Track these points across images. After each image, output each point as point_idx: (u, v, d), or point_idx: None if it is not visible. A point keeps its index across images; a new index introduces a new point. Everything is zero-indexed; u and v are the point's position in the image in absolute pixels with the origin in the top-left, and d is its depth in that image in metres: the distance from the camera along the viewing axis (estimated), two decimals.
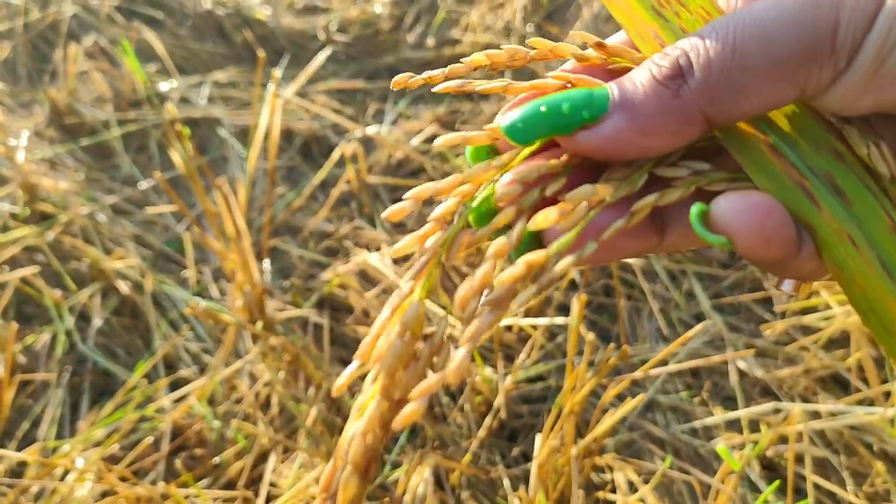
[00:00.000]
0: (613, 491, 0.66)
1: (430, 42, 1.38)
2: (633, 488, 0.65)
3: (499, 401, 0.72)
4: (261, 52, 0.85)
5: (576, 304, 0.53)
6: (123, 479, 0.65)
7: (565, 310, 0.82)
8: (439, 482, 0.68)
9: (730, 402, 0.75)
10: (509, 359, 0.79)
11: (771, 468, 0.70)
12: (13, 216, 0.96)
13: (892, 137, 0.20)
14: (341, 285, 0.88)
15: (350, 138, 1.13)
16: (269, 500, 0.66)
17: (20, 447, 0.74)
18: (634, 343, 0.82)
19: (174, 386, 0.79)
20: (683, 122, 0.18)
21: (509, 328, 0.80)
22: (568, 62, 0.22)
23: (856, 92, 0.18)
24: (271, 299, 0.87)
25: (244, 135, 1.16)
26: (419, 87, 0.21)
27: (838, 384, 0.76)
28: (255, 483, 0.70)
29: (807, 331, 0.79)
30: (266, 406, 0.76)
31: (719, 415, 0.72)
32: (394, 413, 0.17)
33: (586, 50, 0.22)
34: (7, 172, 1.01)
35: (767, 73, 0.17)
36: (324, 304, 0.88)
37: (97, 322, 0.86)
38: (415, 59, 1.35)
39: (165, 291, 0.89)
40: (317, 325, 0.84)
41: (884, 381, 0.72)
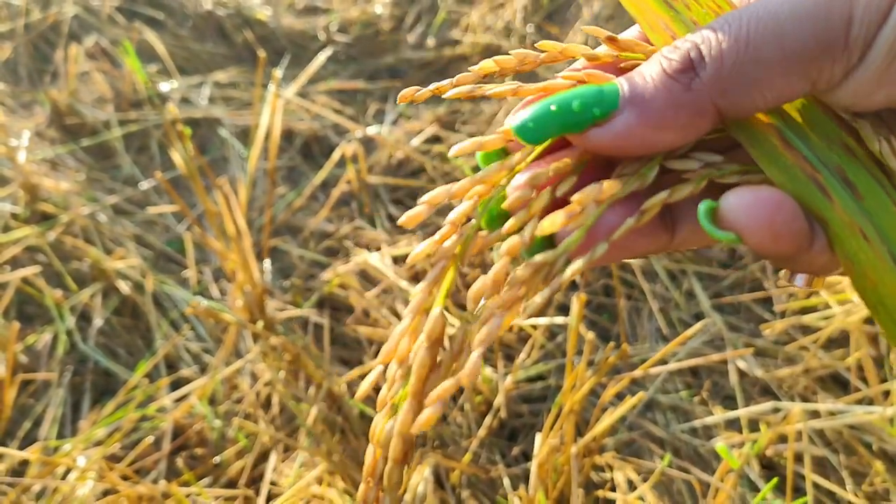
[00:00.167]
0: (613, 490, 0.66)
1: (431, 42, 1.38)
2: (632, 487, 0.66)
3: (499, 400, 0.73)
4: (261, 52, 0.85)
5: (575, 303, 0.53)
6: (125, 477, 0.65)
7: (565, 310, 0.82)
8: (439, 481, 0.68)
9: (729, 402, 0.76)
10: (509, 358, 0.79)
11: (770, 467, 0.70)
12: (14, 216, 0.96)
13: None
14: (341, 285, 0.89)
15: (350, 138, 1.13)
16: (270, 498, 0.67)
17: (22, 446, 0.74)
18: (634, 343, 0.82)
19: (175, 385, 0.79)
20: (695, 115, 0.18)
21: (510, 328, 0.80)
22: (577, 62, 0.22)
23: (868, 87, 0.18)
24: (272, 299, 0.87)
25: (245, 135, 1.17)
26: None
27: (838, 383, 0.76)
28: (255, 482, 0.70)
29: (806, 330, 0.80)
30: (267, 405, 0.76)
31: (719, 414, 0.73)
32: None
33: (596, 47, 0.22)
34: (8, 173, 1.01)
35: (780, 66, 0.17)
36: (324, 304, 0.88)
37: (98, 322, 0.86)
38: (415, 59, 1.35)
39: (166, 291, 0.89)
40: (317, 325, 0.85)
41: (883, 380, 0.72)
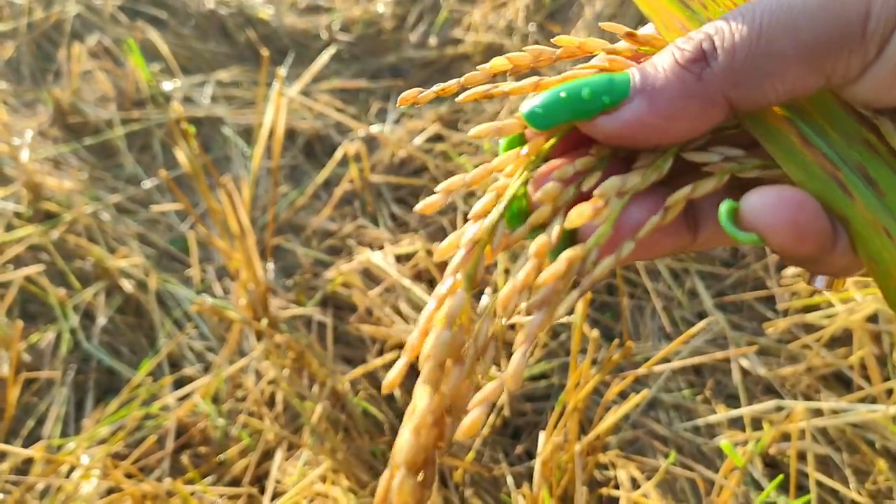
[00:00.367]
0: (617, 487, 0.66)
1: (433, 41, 1.38)
2: (636, 485, 0.66)
3: (502, 398, 0.73)
4: (265, 51, 0.85)
5: (579, 302, 0.53)
6: (129, 475, 0.65)
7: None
8: (443, 480, 0.68)
9: (732, 400, 0.76)
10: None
11: (773, 465, 0.70)
12: (18, 215, 0.96)
13: None
14: (344, 284, 0.89)
15: (353, 137, 1.13)
16: (274, 496, 0.67)
17: (26, 445, 0.74)
18: (637, 341, 0.82)
19: (178, 384, 0.80)
20: (705, 105, 0.18)
21: (513, 326, 0.80)
22: (595, 58, 0.22)
23: (887, 83, 0.18)
24: (275, 298, 0.87)
25: (247, 134, 1.17)
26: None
27: (840, 382, 0.76)
28: (259, 480, 0.70)
29: (809, 329, 0.80)
30: (270, 403, 0.76)
31: (722, 412, 0.73)
32: (446, 416, 0.17)
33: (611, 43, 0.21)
34: (11, 172, 1.01)
35: (794, 59, 0.17)
36: (327, 303, 0.88)
37: (101, 320, 0.86)
38: (417, 58, 1.35)
39: (169, 290, 0.90)
40: (320, 324, 0.85)
41: (886, 378, 0.72)
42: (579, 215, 0.18)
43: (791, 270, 0.85)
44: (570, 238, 0.19)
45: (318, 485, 0.65)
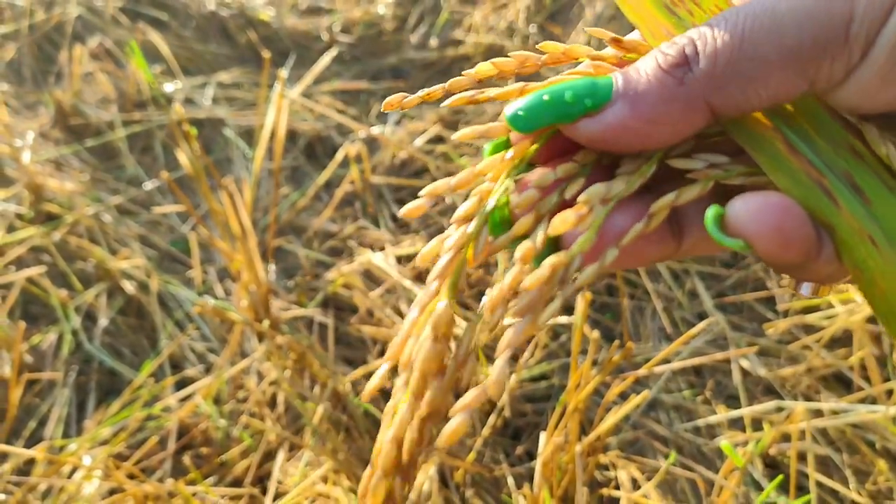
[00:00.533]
0: (617, 488, 0.66)
1: (434, 43, 1.38)
2: (636, 485, 0.66)
3: (503, 399, 0.73)
4: (266, 52, 0.85)
5: (580, 302, 0.54)
6: (131, 476, 0.65)
7: (569, 309, 0.83)
8: (444, 480, 0.68)
9: (733, 401, 0.76)
10: (513, 358, 0.79)
11: (774, 466, 0.70)
12: (19, 217, 0.96)
13: None
14: (346, 285, 0.89)
15: (354, 139, 1.14)
16: (276, 497, 0.67)
17: (27, 446, 0.75)
18: (638, 342, 0.83)
19: (180, 385, 0.80)
20: (687, 110, 0.18)
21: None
22: (582, 64, 0.22)
23: (872, 86, 0.17)
24: (276, 299, 0.87)
25: (248, 135, 1.17)
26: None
27: (841, 382, 0.76)
28: (261, 481, 0.71)
29: (809, 329, 0.80)
30: (272, 404, 0.76)
31: (722, 413, 0.73)
32: (427, 423, 0.17)
33: (600, 47, 0.21)
34: (13, 173, 1.01)
35: (777, 64, 0.17)
36: (328, 304, 0.89)
37: (103, 322, 0.86)
38: (418, 59, 1.35)
39: (171, 291, 0.90)
40: (322, 325, 0.85)
41: (886, 379, 0.73)
42: (563, 222, 0.18)
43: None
44: (555, 245, 0.19)
45: (320, 485, 0.65)
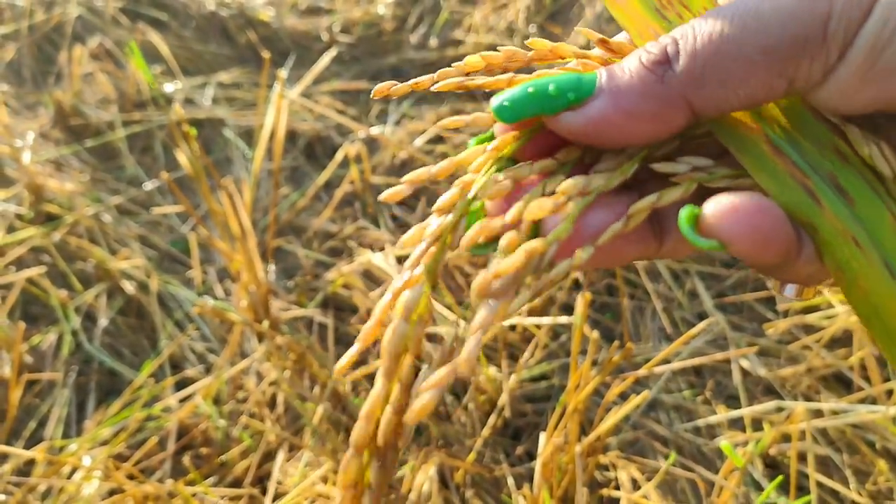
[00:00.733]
0: (617, 488, 0.66)
1: (433, 43, 1.38)
2: (636, 486, 0.66)
3: (503, 400, 0.73)
4: (266, 53, 0.85)
5: (580, 302, 0.54)
6: (130, 477, 0.65)
7: (569, 309, 0.83)
8: (444, 480, 0.68)
9: (733, 401, 0.76)
10: (513, 358, 0.79)
11: (774, 466, 0.70)
12: (19, 217, 0.96)
13: None
14: (345, 285, 0.89)
15: (354, 139, 1.14)
16: (275, 497, 0.67)
17: (27, 446, 0.75)
18: (638, 342, 0.83)
19: (180, 385, 0.80)
20: (666, 107, 0.18)
21: (513, 328, 0.81)
22: (570, 63, 0.22)
23: (852, 86, 0.17)
24: (276, 299, 0.87)
25: (248, 136, 1.17)
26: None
27: (841, 383, 0.76)
28: (261, 481, 0.71)
29: (809, 329, 0.80)
30: (272, 405, 0.76)
31: (722, 413, 0.73)
32: (404, 406, 0.17)
33: (589, 48, 0.22)
34: (13, 174, 1.01)
35: (754, 62, 0.17)
36: (328, 304, 0.89)
37: (103, 322, 0.86)
38: (417, 59, 1.35)
39: (171, 291, 0.90)
40: (321, 325, 0.85)
41: (886, 379, 0.73)
42: (540, 208, 0.18)
43: None
44: (536, 235, 0.20)
45: (320, 485, 0.65)
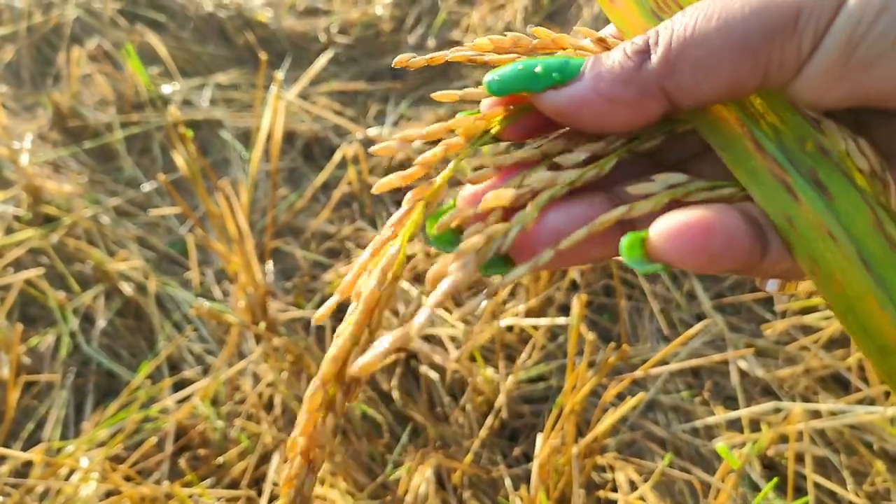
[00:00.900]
0: (614, 490, 0.66)
1: (431, 43, 1.38)
2: (634, 487, 0.66)
3: (500, 401, 0.73)
4: (263, 54, 0.85)
5: (576, 304, 0.54)
6: (128, 478, 0.65)
7: (567, 310, 0.82)
8: (441, 482, 0.68)
9: (731, 402, 0.76)
10: (511, 359, 0.79)
11: (772, 467, 0.70)
12: (17, 219, 0.96)
13: (884, 134, 0.20)
14: None
15: (351, 140, 1.14)
16: (272, 499, 0.67)
17: (25, 448, 0.75)
18: (635, 343, 0.83)
19: (178, 386, 0.80)
20: (642, 94, 0.19)
21: (510, 329, 0.81)
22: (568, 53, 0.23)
23: (827, 81, 0.18)
24: (274, 300, 0.87)
25: (246, 137, 1.17)
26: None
27: (839, 383, 0.76)
28: (258, 483, 0.71)
29: (807, 330, 0.80)
30: (269, 406, 0.76)
31: (720, 414, 0.73)
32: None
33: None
34: (11, 175, 1.01)
35: (726, 51, 0.18)
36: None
37: (101, 323, 0.86)
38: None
39: (169, 293, 0.90)
40: (319, 326, 0.85)
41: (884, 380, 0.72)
42: (498, 197, 0.19)
43: None
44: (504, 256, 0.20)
45: (317, 488, 0.65)
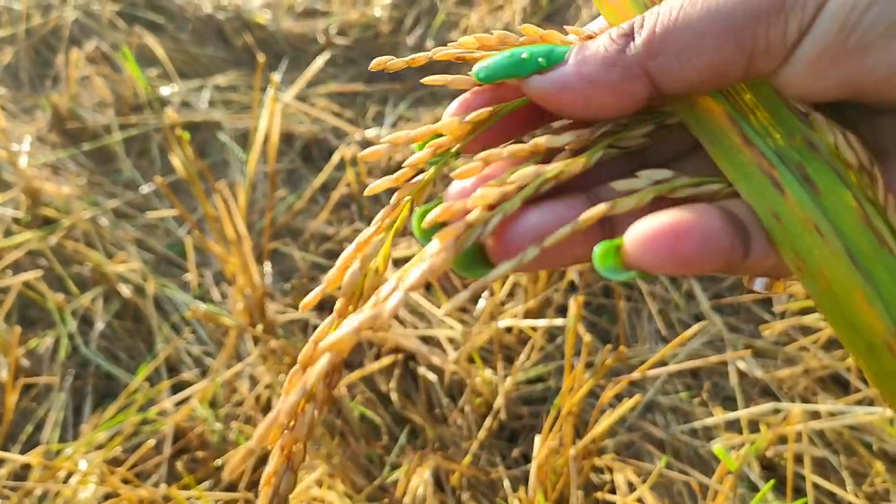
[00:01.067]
0: (613, 491, 0.66)
1: (430, 45, 1.38)
2: (632, 489, 0.66)
3: (499, 402, 0.73)
4: (260, 55, 0.85)
5: (572, 305, 0.53)
6: (126, 481, 0.65)
7: (565, 311, 0.82)
8: (439, 483, 0.68)
9: (729, 403, 0.76)
10: (509, 360, 0.79)
11: (771, 468, 0.70)
12: (16, 221, 0.96)
13: (870, 131, 0.19)
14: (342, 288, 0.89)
15: (350, 141, 1.13)
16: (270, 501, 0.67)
17: (24, 450, 0.75)
18: (634, 344, 0.82)
19: (176, 389, 0.80)
20: (626, 76, 0.19)
21: (509, 330, 0.81)
22: None
23: (816, 68, 0.18)
24: (272, 302, 0.87)
25: (244, 138, 1.17)
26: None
27: (838, 384, 0.76)
28: (256, 485, 0.70)
29: (806, 331, 0.80)
30: (267, 408, 0.76)
31: (719, 415, 0.73)
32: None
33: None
34: (10, 177, 1.01)
35: (709, 32, 0.18)
36: (324, 307, 0.89)
37: (99, 325, 0.86)
38: None
39: (167, 295, 0.90)
40: (317, 328, 0.85)
41: None
42: (484, 197, 0.18)
43: None
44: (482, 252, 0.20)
45: (315, 489, 0.65)
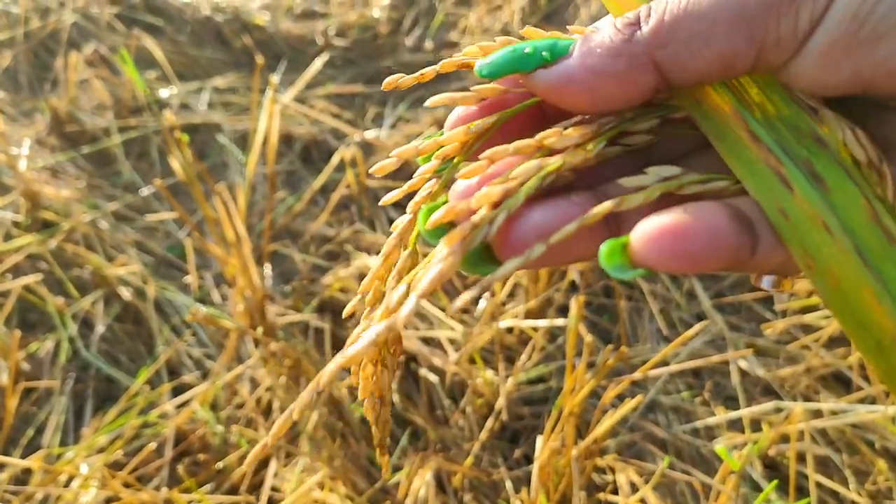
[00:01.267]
0: (615, 492, 0.66)
1: (429, 45, 1.38)
2: (634, 489, 0.65)
3: (500, 403, 0.73)
4: (259, 57, 0.85)
5: (573, 305, 0.53)
6: (127, 484, 0.65)
7: (566, 311, 0.82)
8: (441, 485, 0.68)
9: (731, 402, 0.75)
10: (510, 361, 0.79)
11: (773, 467, 0.70)
12: (16, 224, 0.96)
13: (879, 127, 0.19)
14: (342, 289, 0.89)
15: (349, 142, 1.13)
16: (272, 503, 0.67)
17: (24, 454, 0.74)
18: (635, 344, 0.82)
19: (177, 391, 0.80)
20: (632, 66, 0.18)
21: (510, 330, 0.80)
22: None
23: (828, 60, 0.17)
24: (272, 304, 0.87)
25: (244, 140, 1.17)
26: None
27: (840, 382, 0.75)
28: (257, 488, 0.70)
29: (808, 329, 0.79)
30: (268, 411, 0.76)
31: (721, 414, 0.72)
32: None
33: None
34: (9, 181, 1.01)
35: (719, 21, 0.17)
36: (325, 309, 0.88)
37: (100, 329, 0.86)
38: (413, 62, 1.35)
39: (167, 297, 0.90)
40: (318, 330, 0.85)
41: None
42: (487, 196, 0.18)
43: None
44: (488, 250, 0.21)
45: (316, 492, 0.65)
